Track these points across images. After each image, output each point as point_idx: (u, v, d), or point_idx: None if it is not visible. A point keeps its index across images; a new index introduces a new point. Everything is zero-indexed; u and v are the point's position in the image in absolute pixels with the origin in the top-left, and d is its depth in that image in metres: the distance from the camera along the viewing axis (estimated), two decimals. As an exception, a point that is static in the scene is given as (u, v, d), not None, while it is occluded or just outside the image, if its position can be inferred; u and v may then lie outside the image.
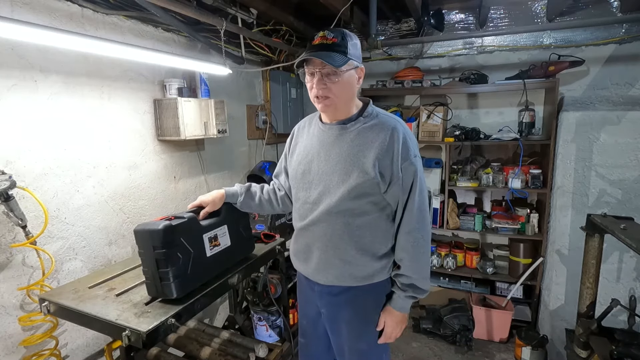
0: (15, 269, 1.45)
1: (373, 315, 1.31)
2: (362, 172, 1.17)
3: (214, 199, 1.41)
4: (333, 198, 1.21)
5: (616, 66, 2.56)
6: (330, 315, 1.37)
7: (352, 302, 1.30)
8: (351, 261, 1.24)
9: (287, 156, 1.44)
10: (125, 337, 1.13)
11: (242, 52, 2.39)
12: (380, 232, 1.25)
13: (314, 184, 1.26)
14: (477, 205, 3.13)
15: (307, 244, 1.32)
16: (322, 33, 1.15)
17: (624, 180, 2.22)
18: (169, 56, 1.75)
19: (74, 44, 1.30)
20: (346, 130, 1.22)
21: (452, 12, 2.88)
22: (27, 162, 1.46)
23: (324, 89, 1.16)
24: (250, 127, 2.90)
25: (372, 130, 1.20)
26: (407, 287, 1.25)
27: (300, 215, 1.33)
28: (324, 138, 1.27)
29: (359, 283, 1.27)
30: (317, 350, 1.50)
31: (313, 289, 1.37)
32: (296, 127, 1.44)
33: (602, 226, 1.51)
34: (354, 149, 1.19)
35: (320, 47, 1.13)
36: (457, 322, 2.62)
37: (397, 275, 1.27)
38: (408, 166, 1.17)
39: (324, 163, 1.24)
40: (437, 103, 2.87)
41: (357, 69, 1.20)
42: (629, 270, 2.23)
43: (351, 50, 1.15)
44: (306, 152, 1.31)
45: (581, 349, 1.63)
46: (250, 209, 1.52)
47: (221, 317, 2.62)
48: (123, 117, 1.86)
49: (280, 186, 1.51)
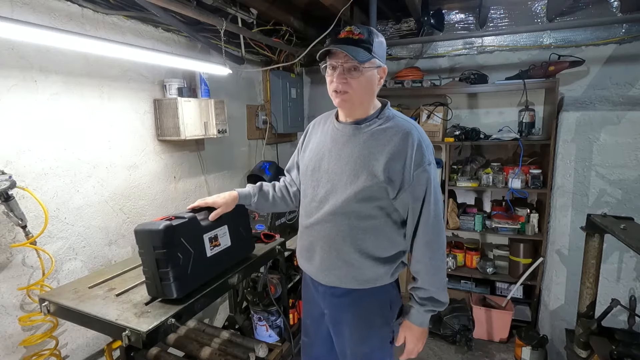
0: (15, 269, 1.45)
1: (376, 319, 1.29)
2: (370, 175, 1.13)
3: (226, 201, 1.38)
4: (339, 199, 1.18)
5: (616, 66, 2.56)
6: (333, 317, 1.35)
7: (355, 305, 1.27)
8: (354, 264, 1.22)
9: (299, 151, 1.42)
10: (125, 337, 1.13)
11: (242, 52, 2.39)
12: (385, 237, 1.21)
13: (322, 182, 1.24)
14: (477, 205, 3.13)
15: (311, 243, 1.29)
16: (349, 27, 1.11)
17: (624, 180, 2.22)
18: (169, 56, 1.75)
19: (73, 44, 1.30)
20: (360, 130, 1.20)
21: (452, 12, 2.88)
22: (27, 162, 1.46)
23: (344, 84, 1.13)
24: (250, 127, 2.90)
25: (385, 132, 1.16)
26: (425, 300, 1.22)
27: (307, 213, 1.31)
28: (337, 137, 1.24)
29: (362, 286, 1.24)
30: (320, 350, 1.48)
31: (317, 289, 1.35)
32: (311, 124, 1.41)
33: (602, 226, 1.51)
34: (365, 151, 1.16)
35: (346, 41, 1.09)
36: (457, 322, 2.62)
37: (414, 289, 1.24)
38: (421, 173, 1.13)
39: (335, 162, 1.22)
40: (437, 103, 2.87)
41: (380, 69, 1.17)
42: (629, 270, 2.23)
43: (376, 48, 1.12)
44: (318, 149, 1.29)
45: (581, 349, 1.63)
46: (264, 210, 1.49)
47: (221, 317, 2.62)
48: (123, 117, 1.86)
49: (291, 182, 1.49)
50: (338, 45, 1.09)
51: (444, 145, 2.92)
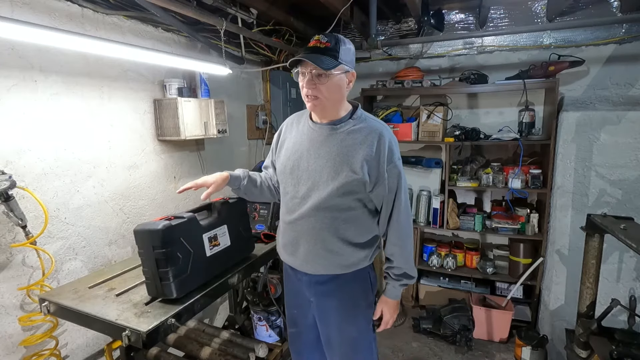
0: (15, 269, 1.45)
1: (360, 300, 1.41)
2: (350, 171, 1.24)
3: (216, 180, 1.40)
4: (322, 194, 1.27)
5: (616, 66, 2.56)
6: (320, 304, 1.42)
7: (339, 289, 1.38)
8: (337, 251, 1.32)
9: (274, 151, 1.48)
10: (125, 337, 1.14)
11: (242, 52, 2.39)
12: (363, 225, 1.34)
13: (303, 179, 1.32)
14: (477, 205, 3.13)
15: (295, 237, 1.37)
16: (317, 37, 1.22)
17: (624, 180, 2.22)
18: (169, 56, 1.75)
19: (73, 44, 1.30)
20: (336, 130, 1.29)
21: (452, 12, 2.88)
22: (27, 162, 1.46)
23: (313, 89, 1.22)
24: (250, 127, 2.90)
25: (360, 132, 1.27)
26: (400, 276, 1.38)
27: (289, 209, 1.38)
28: (314, 136, 1.32)
29: (345, 271, 1.35)
30: (308, 338, 1.54)
31: (301, 280, 1.43)
32: (284, 123, 1.48)
33: (602, 226, 1.51)
34: (344, 149, 1.26)
35: (313, 50, 1.20)
36: (457, 322, 2.62)
37: (389, 268, 1.40)
38: (392, 168, 1.28)
39: (314, 160, 1.30)
40: (437, 103, 2.87)
41: (348, 73, 1.26)
42: (629, 270, 2.23)
43: (343, 55, 1.22)
44: (295, 148, 1.36)
45: (581, 349, 1.63)
46: (251, 194, 1.52)
47: (221, 317, 2.62)
48: (123, 117, 1.86)
49: (269, 178, 1.54)
50: (304, 55, 1.19)
51: (444, 145, 2.92)
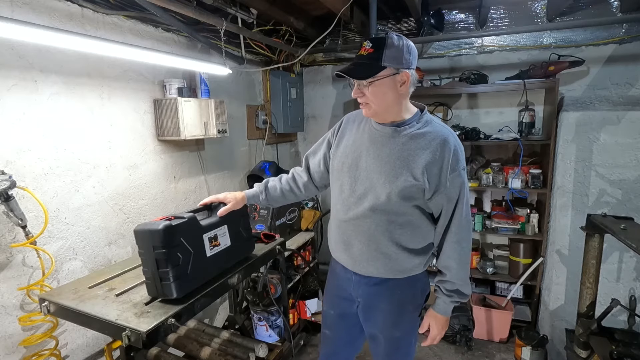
0: (15, 269, 1.45)
1: (407, 306, 1.38)
2: (410, 176, 1.20)
3: (235, 198, 1.44)
4: (379, 196, 1.24)
5: (616, 66, 2.56)
6: (367, 305, 1.41)
7: (389, 293, 1.35)
8: (392, 256, 1.29)
9: (330, 143, 1.45)
10: (125, 337, 1.13)
11: (242, 52, 2.39)
12: (419, 231, 1.30)
13: (360, 179, 1.29)
14: (477, 205, 3.13)
15: (349, 236, 1.35)
16: (364, 43, 1.19)
17: (624, 180, 2.22)
18: (169, 56, 1.75)
19: (74, 44, 1.30)
20: (399, 133, 1.25)
21: (452, 12, 2.88)
22: (27, 162, 1.46)
23: (361, 97, 1.22)
24: (250, 127, 2.90)
25: (424, 137, 1.23)
26: (452, 292, 1.32)
27: (344, 207, 1.35)
28: (375, 137, 1.29)
29: (398, 276, 1.32)
30: (341, 341, 1.54)
31: (350, 279, 1.40)
32: (344, 119, 1.45)
33: (602, 226, 1.51)
34: (405, 153, 1.22)
35: (358, 58, 1.20)
36: (457, 322, 2.62)
37: (442, 282, 1.33)
38: (455, 177, 1.21)
39: (373, 161, 1.27)
40: (437, 103, 2.87)
41: (398, 75, 1.18)
42: (629, 270, 2.23)
43: (388, 57, 1.15)
44: (355, 146, 1.33)
45: (581, 349, 1.63)
46: (276, 203, 1.56)
47: (221, 317, 2.62)
48: (123, 117, 1.86)
49: (303, 171, 1.53)
50: (342, 70, 1.19)
51: (444, 145, 2.92)
